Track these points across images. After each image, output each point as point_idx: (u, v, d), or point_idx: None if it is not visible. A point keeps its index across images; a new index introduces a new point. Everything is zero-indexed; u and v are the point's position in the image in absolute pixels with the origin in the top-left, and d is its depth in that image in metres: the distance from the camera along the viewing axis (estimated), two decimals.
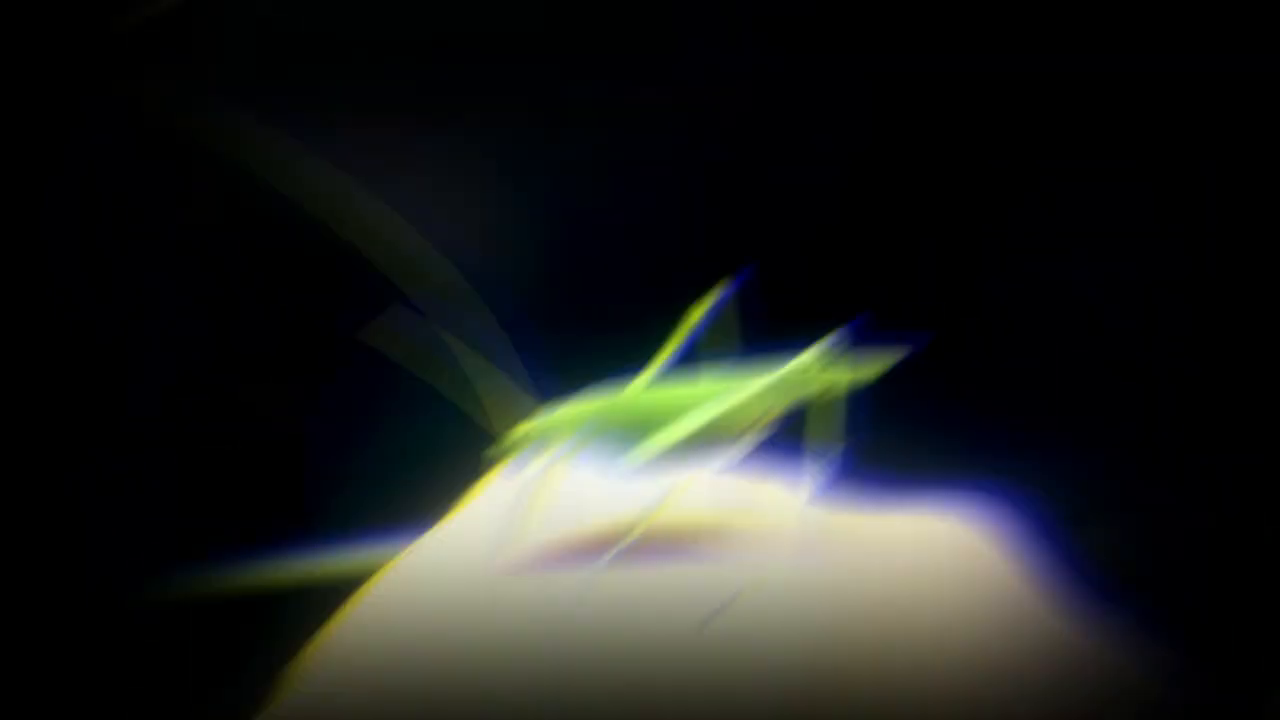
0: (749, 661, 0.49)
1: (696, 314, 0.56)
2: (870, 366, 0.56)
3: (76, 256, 0.75)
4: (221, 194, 0.75)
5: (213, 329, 0.76)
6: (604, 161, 0.74)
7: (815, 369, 0.55)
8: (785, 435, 0.56)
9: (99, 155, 0.74)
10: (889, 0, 0.75)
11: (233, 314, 0.76)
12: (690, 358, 0.56)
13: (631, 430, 0.55)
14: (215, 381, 0.75)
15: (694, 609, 0.50)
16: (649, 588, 0.52)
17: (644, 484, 0.56)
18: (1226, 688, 0.59)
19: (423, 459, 0.67)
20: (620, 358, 0.56)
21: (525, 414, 0.54)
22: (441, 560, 0.55)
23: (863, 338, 0.55)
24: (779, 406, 0.55)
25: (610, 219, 0.74)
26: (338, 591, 0.55)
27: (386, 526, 0.60)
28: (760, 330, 0.56)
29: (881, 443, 0.57)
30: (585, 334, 0.65)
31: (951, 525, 0.56)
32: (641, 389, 0.56)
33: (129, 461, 0.76)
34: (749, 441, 0.56)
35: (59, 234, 0.75)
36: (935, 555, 0.54)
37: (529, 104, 0.75)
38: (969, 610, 0.52)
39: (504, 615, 0.51)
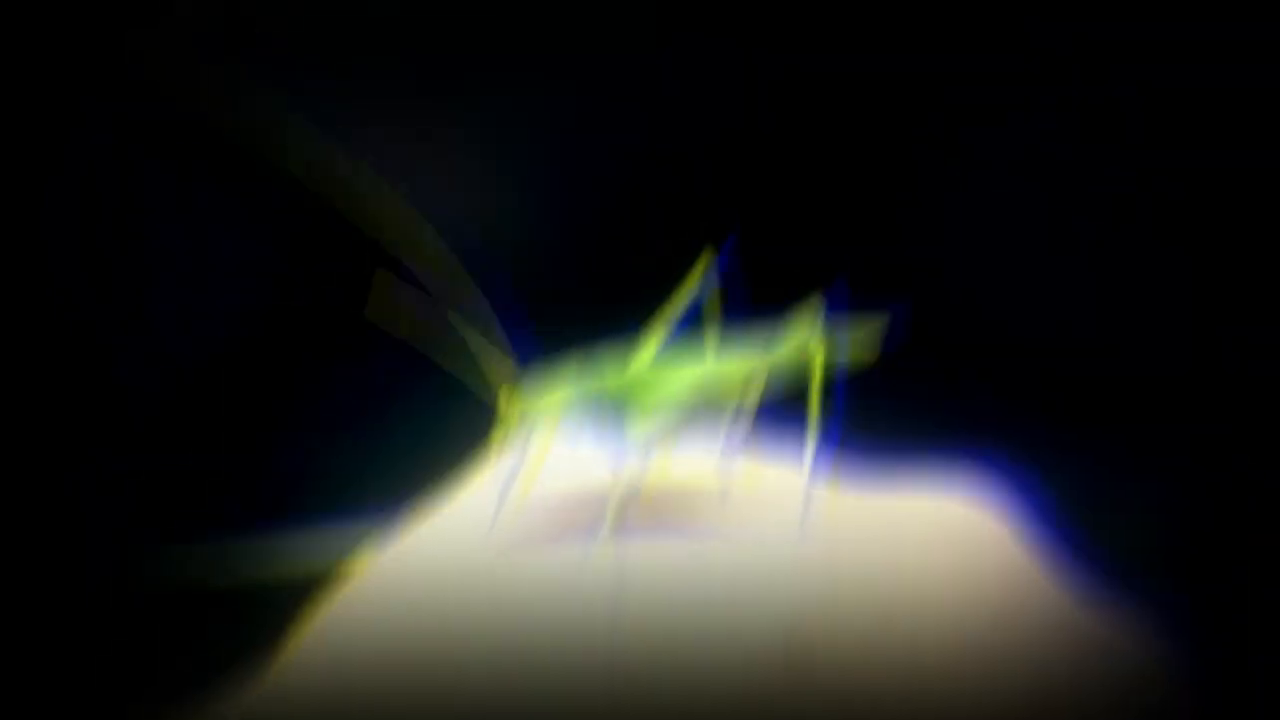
0: (750, 633, 0.49)
1: (684, 286, 0.56)
2: (858, 337, 0.55)
3: (77, 256, 0.75)
4: (221, 168, 0.75)
5: (203, 306, 0.76)
6: (586, 132, 0.74)
7: (804, 338, 0.54)
8: (781, 410, 0.56)
9: (99, 155, 0.74)
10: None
11: (227, 289, 0.76)
12: (679, 329, 0.56)
13: (624, 404, 0.55)
14: (203, 355, 0.75)
15: (689, 584, 0.50)
16: (644, 563, 0.51)
17: (637, 458, 0.55)
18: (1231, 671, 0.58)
19: (416, 436, 0.66)
20: (607, 329, 0.56)
21: (511, 383, 0.54)
22: (435, 540, 0.54)
23: (845, 304, 0.55)
24: (770, 378, 0.55)
25: (594, 188, 0.74)
26: (328, 575, 0.55)
27: (378, 506, 0.59)
28: (746, 301, 0.56)
29: (878, 417, 0.57)
30: (572, 304, 0.65)
31: (956, 503, 0.55)
32: (633, 362, 0.55)
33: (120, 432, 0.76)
34: (743, 417, 0.56)
35: (59, 233, 0.75)
36: (940, 533, 0.54)
37: (515, 78, 0.75)
38: (977, 588, 0.52)
39: (499, 593, 0.51)
